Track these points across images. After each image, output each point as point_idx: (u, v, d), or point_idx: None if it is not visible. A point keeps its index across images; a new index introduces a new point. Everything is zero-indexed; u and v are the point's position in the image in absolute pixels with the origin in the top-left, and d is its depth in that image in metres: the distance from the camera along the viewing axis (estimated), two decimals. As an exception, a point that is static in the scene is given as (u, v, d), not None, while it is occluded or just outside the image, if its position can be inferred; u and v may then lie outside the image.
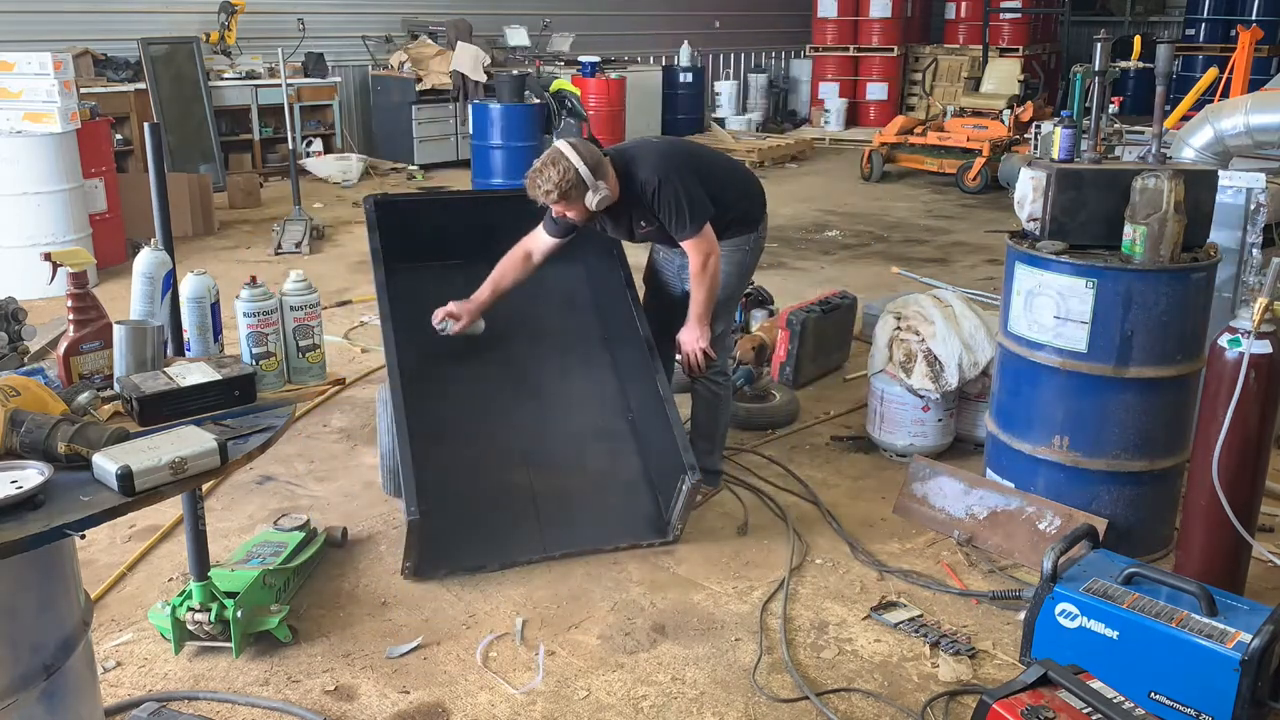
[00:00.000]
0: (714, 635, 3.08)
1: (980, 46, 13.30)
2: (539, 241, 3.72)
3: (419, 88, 11.03)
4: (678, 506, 3.49)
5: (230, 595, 2.88)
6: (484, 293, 3.71)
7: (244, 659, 2.92)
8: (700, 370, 3.69)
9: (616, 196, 3.50)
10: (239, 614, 2.86)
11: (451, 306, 3.69)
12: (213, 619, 2.85)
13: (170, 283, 2.54)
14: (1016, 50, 14.48)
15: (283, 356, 2.49)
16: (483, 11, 12.18)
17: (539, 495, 3.65)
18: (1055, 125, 3.51)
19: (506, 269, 3.72)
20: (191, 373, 2.18)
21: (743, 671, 2.91)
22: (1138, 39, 6.15)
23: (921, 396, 4.13)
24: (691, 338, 3.64)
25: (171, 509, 3.56)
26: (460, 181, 10.11)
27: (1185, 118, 6.30)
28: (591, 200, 3.40)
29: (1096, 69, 3.55)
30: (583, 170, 3.35)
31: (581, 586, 3.33)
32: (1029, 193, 3.37)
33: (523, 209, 4.40)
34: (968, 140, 10.79)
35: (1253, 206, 4.22)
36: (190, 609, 2.87)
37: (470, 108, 9.10)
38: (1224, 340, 2.96)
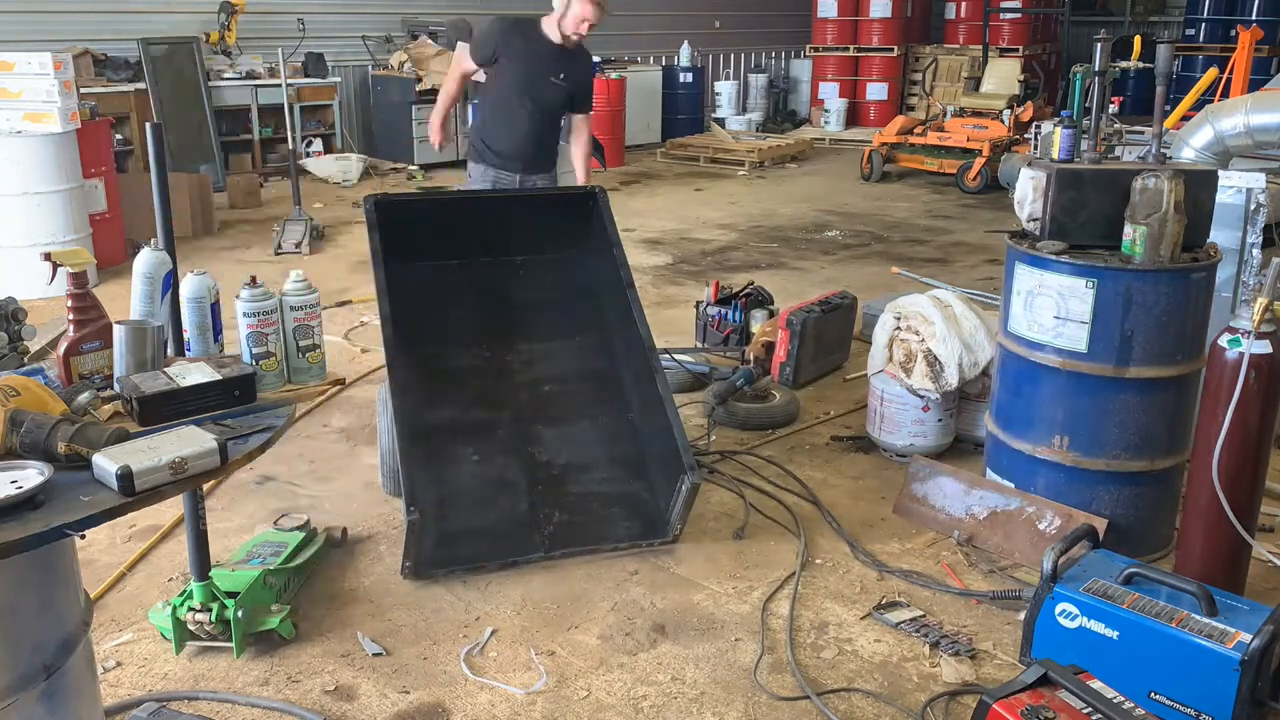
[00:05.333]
0: (714, 635, 3.08)
1: (980, 46, 13.29)
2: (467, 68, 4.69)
3: (419, 88, 11.03)
4: (677, 506, 3.50)
5: (231, 595, 2.89)
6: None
7: (244, 659, 2.92)
8: None
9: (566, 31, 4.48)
10: (240, 614, 2.86)
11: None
12: (214, 619, 2.85)
13: (170, 283, 2.54)
14: (1016, 50, 14.47)
15: (282, 356, 2.49)
16: (483, 11, 12.16)
17: (538, 495, 3.65)
18: (1055, 125, 3.51)
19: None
20: (191, 373, 2.18)
21: (743, 671, 2.91)
22: (1138, 39, 6.16)
23: (921, 396, 4.13)
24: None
25: (171, 509, 3.56)
26: (460, 180, 10.08)
27: (1185, 118, 6.31)
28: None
29: (1096, 69, 3.55)
30: None
31: (581, 586, 3.33)
32: (1029, 193, 3.37)
33: (522, 208, 4.44)
34: (968, 140, 10.79)
35: (1253, 206, 4.22)
36: (191, 609, 2.87)
37: (470, 108, 9.09)
38: (1224, 340, 2.96)
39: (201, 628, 2.88)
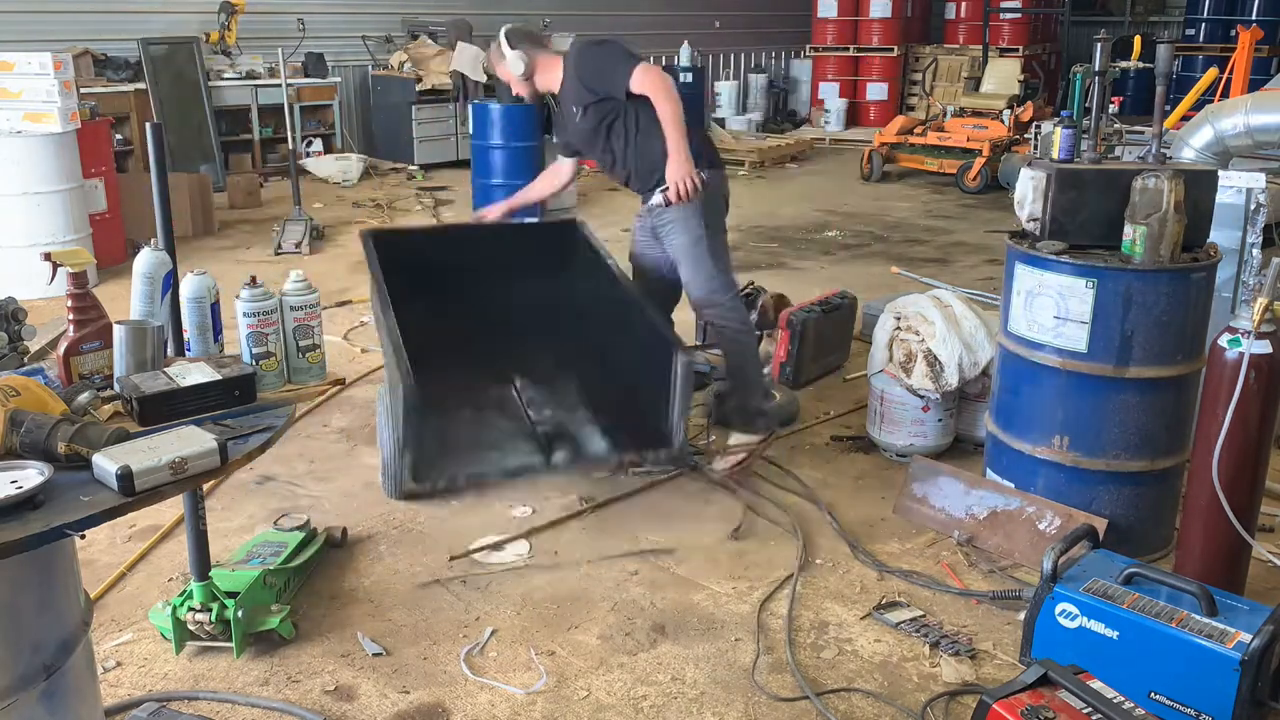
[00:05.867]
0: (714, 635, 3.08)
1: (980, 46, 13.30)
2: (561, 162, 4.37)
3: (419, 88, 11.04)
4: (675, 402, 3.26)
5: (231, 595, 2.89)
6: (514, 199, 4.40)
7: (244, 659, 2.92)
8: (692, 195, 3.78)
9: (551, 83, 4.02)
10: (240, 614, 2.86)
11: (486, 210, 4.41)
12: (214, 619, 2.85)
13: (170, 283, 2.54)
14: (1016, 50, 14.48)
15: (283, 356, 2.49)
16: (483, 11, 12.18)
17: (537, 416, 3.75)
18: (1055, 125, 3.51)
19: (538, 185, 4.51)
20: (191, 373, 2.18)
21: (743, 671, 2.91)
22: (1138, 39, 6.15)
23: (921, 396, 4.13)
24: (677, 170, 3.73)
25: (171, 509, 3.56)
26: (460, 181, 10.11)
27: (1185, 118, 6.31)
28: (508, 69, 3.94)
29: (1096, 69, 3.55)
30: (502, 39, 3.96)
31: (581, 586, 3.33)
32: (1029, 193, 3.37)
33: (514, 237, 4.68)
34: (968, 140, 10.78)
35: (1253, 206, 4.22)
36: (191, 609, 2.87)
37: (470, 108, 9.10)
38: (1224, 340, 2.96)
39: (201, 628, 2.88)
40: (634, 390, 3.83)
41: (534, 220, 4.98)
